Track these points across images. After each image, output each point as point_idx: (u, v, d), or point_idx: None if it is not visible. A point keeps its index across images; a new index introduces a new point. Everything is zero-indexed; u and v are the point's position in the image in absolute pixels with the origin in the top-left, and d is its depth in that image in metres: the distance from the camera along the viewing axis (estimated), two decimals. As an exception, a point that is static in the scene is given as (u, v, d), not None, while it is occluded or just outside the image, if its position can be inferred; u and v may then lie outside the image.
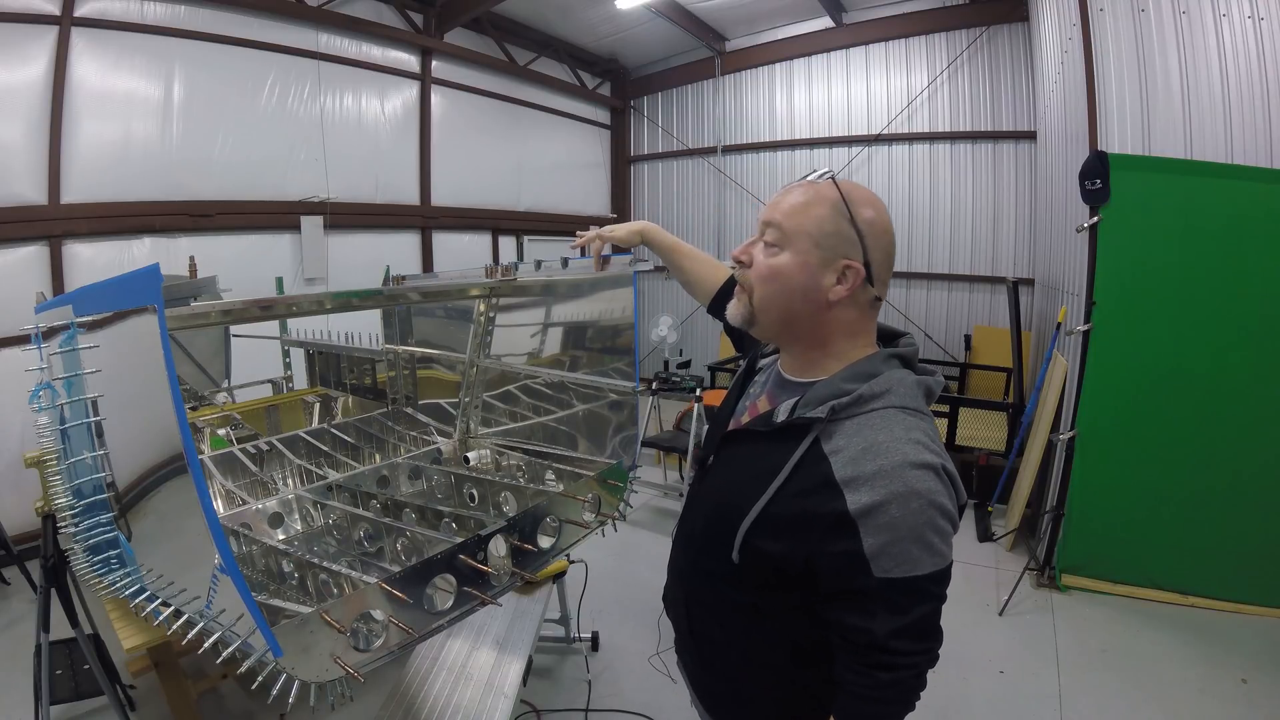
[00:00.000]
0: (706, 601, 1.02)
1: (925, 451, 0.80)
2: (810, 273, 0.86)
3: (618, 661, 2.76)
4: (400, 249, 6.00)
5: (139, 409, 1.09)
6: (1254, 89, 2.86)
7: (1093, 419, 3.13)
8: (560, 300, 2.00)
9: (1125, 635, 2.87)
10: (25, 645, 2.33)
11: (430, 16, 5.94)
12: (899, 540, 0.77)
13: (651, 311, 7.22)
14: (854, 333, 0.90)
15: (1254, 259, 2.82)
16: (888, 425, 0.82)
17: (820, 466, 0.83)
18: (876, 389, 0.84)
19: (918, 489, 0.78)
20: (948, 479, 0.81)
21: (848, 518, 0.78)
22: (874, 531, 0.78)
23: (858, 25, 6.50)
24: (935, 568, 0.79)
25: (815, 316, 0.88)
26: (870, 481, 0.78)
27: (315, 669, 0.98)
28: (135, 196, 4.18)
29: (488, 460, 2.07)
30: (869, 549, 0.78)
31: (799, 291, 0.87)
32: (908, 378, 0.87)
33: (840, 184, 0.87)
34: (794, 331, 0.92)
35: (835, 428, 0.84)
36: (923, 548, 0.78)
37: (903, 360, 0.90)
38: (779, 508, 0.85)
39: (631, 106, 8.42)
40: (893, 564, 0.77)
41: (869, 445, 0.81)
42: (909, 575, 0.78)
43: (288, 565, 1.50)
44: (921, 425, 0.84)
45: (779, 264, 0.88)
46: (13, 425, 3.57)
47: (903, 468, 0.78)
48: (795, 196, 0.88)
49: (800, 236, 0.86)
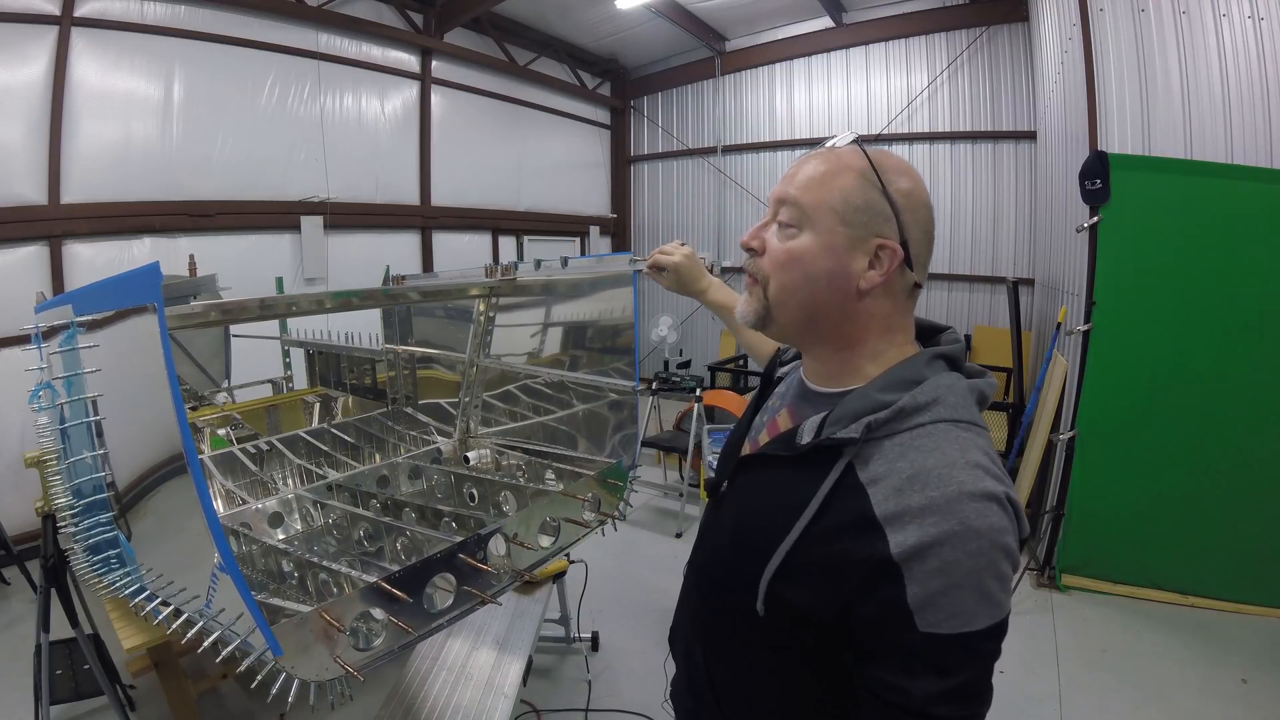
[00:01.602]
0: (726, 649, 0.87)
1: (986, 478, 0.65)
2: (836, 256, 0.72)
3: (618, 661, 2.76)
4: (400, 249, 6.00)
5: (139, 409, 1.09)
6: (1254, 89, 2.86)
7: (1093, 419, 3.13)
8: (560, 300, 2.00)
9: (1125, 635, 2.87)
10: (25, 645, 2.33)
11: (430, 16, 5.95)
12: (952, 589, 0.62)
13: (651, 311, 7.22)
14: (890, 328, 0.75)
15: (1254, 259, 2.82)
16: (938, 445, 0.67)
17: (856, 499, 0.68)
18: (921, 399, 0.69)
19: (977, 526, 0.62)
20: (1013, 511, 0.66)
21: (890, 562, 0.64)
22: (922, 578, 0.63)
23: (858, 25, 6.50)
24: (992, 621, 0.64)
25: (844, 309, 0.74)
26: (918, 518, 0.64)
27: (315, 668, 0.98)
28: (135, 196, 4.18)
29: (488, 460, 2.07)
30: (913, 599, 0.63)
31: (823, 279, 0.73)
32: (958, 383, 0.72)
33: (870, 149, 0.74)
34: (819, 330, 0.77)
35: (872, 450, 0.69)
36: (980, 598, 0.63)
37: (949, 361, 0.75)
38: (808, 551, 0.71)
39: (631, 106, 8.42)
40: (942, 617, 0.63)
41: (916, 472, 0.66)
42: (961, 631, 0.63)
43: (287, 565, 1.50)
44: (979, 443, 0.69)
45: (797, 247, 0.74)
46: (13, 425, 3.57)
47: (959, 500, 0.63)
48: (814, 166, 0.74)
49: (822, 213, 0.72)
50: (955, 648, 0.63)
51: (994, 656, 0.66)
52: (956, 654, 0.64)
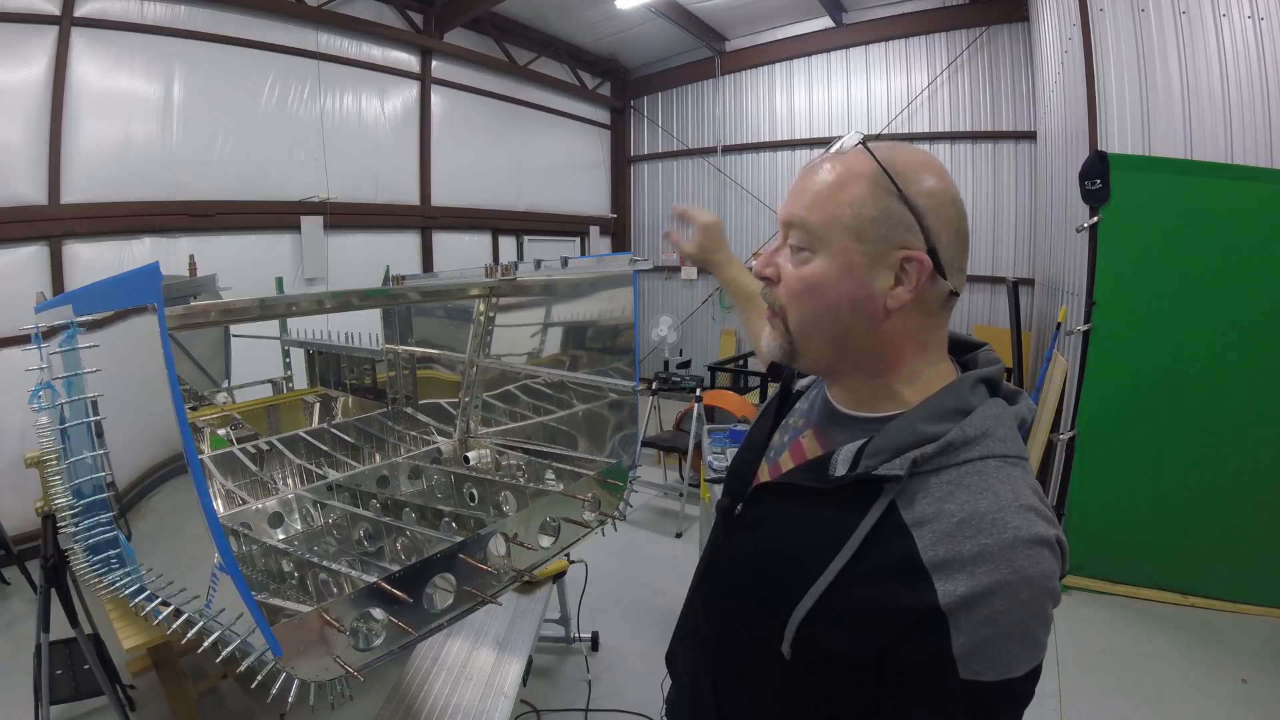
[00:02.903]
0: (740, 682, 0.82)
1: (1040, 521, 0.62)
2: (857, 277, 0.65)
3: (618, 661, 2.76)
4: (400, 249, 6.00)
5: (139, 409, 1.09)
6: (1254, 89, 2.86)
7: (1093, 419, 3.13)
8: (560, 300, 2.00)
9: (1125, 635, 2.87)
10: (25, 645, 2.33)
11: (430, 16, 5.95)
12: (1000, 638, 0.59)
13: (651, 311, 7.22)
14: (924, 346, 0.69)
15: (1254, 259, 2.82)
16: (989, 486, 0.62)
17: (900, 541, 0.63)
18: (970, 433, 0.64)
19: (1030, 575, 0.59)
20: (1060, 553, 0.63)
21: (937, 612, 0.60)
22: (969, 629, 0.59)
23: (858, 25, 6.50)
24: (1033, 664, 0.62)
25: (873, 334, 0.67)
26: (969, 565, 0.60)
27: (315, 668, 0.98)
28: (135, 196, 4.18)
29: (488, 460, 2.07)
30: (959, 649, 0.59)
31: (845, 305, 0.67)
32: (1005, 412, 0.67)
33: (876, 149, 0.66)
34: (850, 359, 0.71)
35: (917, 486, 0.64)
36: (1026, 645, 0.60)
37: (989, 385, 0.69)
38: (844, 594, 0.65)
39: (631, 106, 8.42)
40: (986, 665, 0.60)
41: (967, 516, 0.61)
42: (1004, 679, 0.60)
43: (287, 565, 1.50)
44: (1029, 480, 0.65)
45: (812, 273, 0.67)
46: (13, 425, 3.57)
47: (1013, 547, 0.60)
48: (819, 179, 0.68)
49: (834, 231, 0.66)
50: (997, 694, 0.61)
51: (1029, 699, 0.63)
52: (997, 700, 0.62)
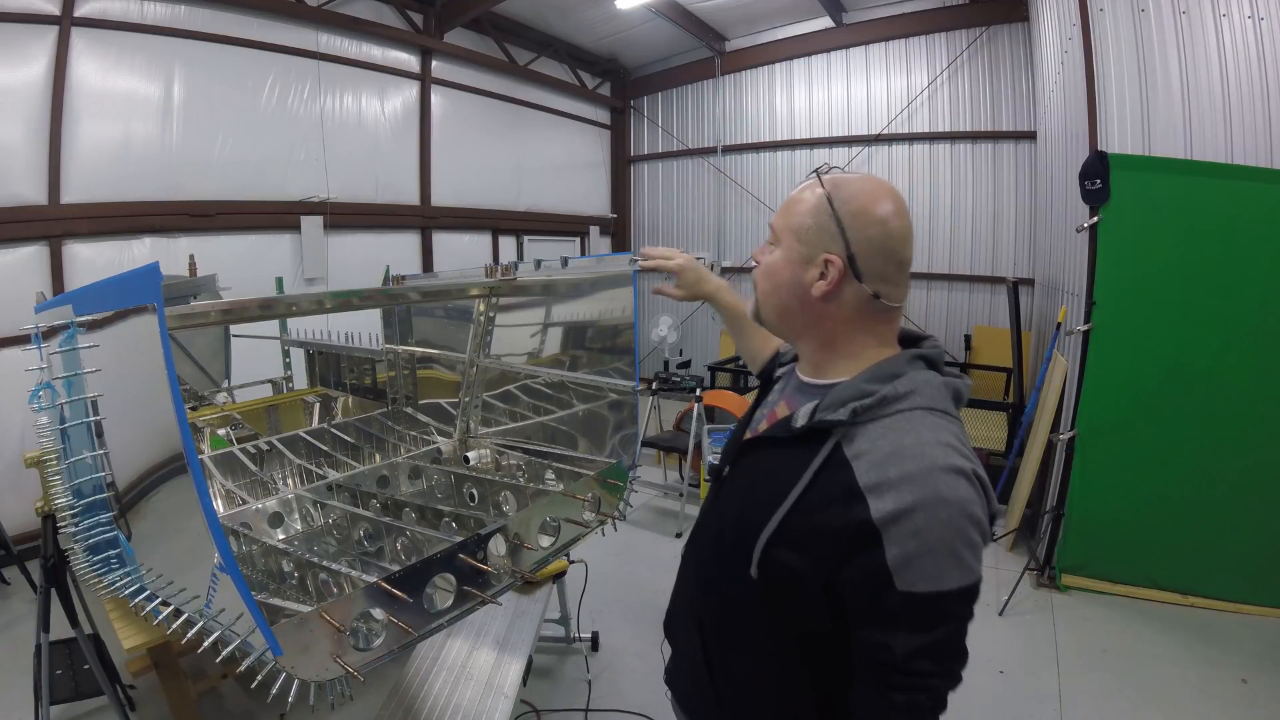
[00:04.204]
0: (723, 629, 0.96)
1: (956, 455, 0.75)
2: (794, 268, 0.87)
3: (618, 661, 2.76)
4: (400, 249, 6.00)
5: (139, 409, 1.09)
6: (1254, 89, 2.86)
7: (1093, 419, 3.13)
8: (560, 300, 2.00)
9: (1125, 635, 2.87)
10: (25, 645, 2.33)
11: (430, 16, 5.95)
12: (926, 551, 0.72)
13: (651, 311, 7.21)
14: (862, 331, 0.87)
15: (1254, 259, 2.82)
16: (914, 428, 0.77)
17: (842, 473, 0.78)
18: (901, 389, 0.80)
19: (948, 496, 0.72)
20: (980, 487, 0.76)
21: (870, 526, 0.73)
22: (899, 540, 0.72)
23: (858, 25, 6.50)
24: (963, 583, 0.73)
25: (804, 311, 0.89)
26: (896, 487, 0.73)
27: (315, 668, 0.98)
28: (135, 196, 4.18)
29: (488, 460, 2.07)
30: (892, 560, 0.72)
31: (786, 287, 0.89)
32: (934, 379, 0.83)
33: (835, 178, 0.86)
34: (791, 326, 0.93)
35: (858, 431, 0.80)
36: (951, 561, 0.72)
37: (927, 362, 0.87)
38: (799, 518, 0.80)
39: (631, 106, 8.42)
40: (917, 577, 0.72)
41: (895, 449, 0.76)
42: (934, 590, 0.72)
43: (288, 565, 1.50)
44: (951, 428, 0.79)
45: (771, 261, 0.91)
46: (13, 425, 3.57)
47: (932, 472, 0.73)
48: (793, 195, 0.91)
49: (786, 233, 0.89)
50: (930, 606, 0.73)
51: (967, 618, 0.76)
52: (932, 612, 0.74)
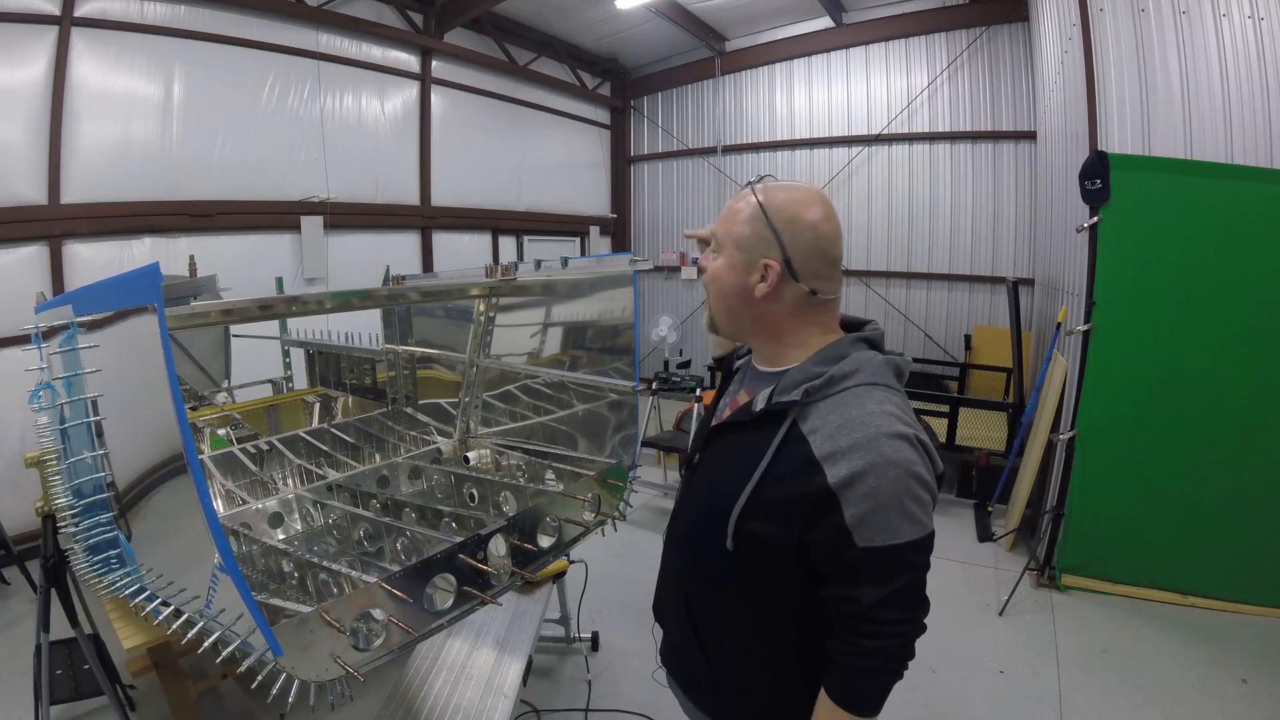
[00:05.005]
0: (708, 599, 1.03)
1: (898, 423, 0.84)
2: (737, 273, 0.95)
3: (618, 661, 2.76)
4: (400, 249, 6.00)
5: (139, 409, 1.09)
6: (1254, 89, 2.85)
7: (1093, 419, 3.13)
8: (560, 300, 2.00)
9: (1125, 635, 2.87)
10: (25, 645, 2.33)
11: (430, 16, 5.95)
12: (879, 509, 0.81)
13: (651, 311, 7.22)
14: (808, 322, 0.95)
15: (1254, 259, 2.82)
16: (860, 401, 0.86)
17: (800, 447, 0.87)
18: (846, 369, 0.89)
19: (894, 459, 0.81)
20: (922, 449, 0.85)
21: (829, 491, 0.82)
22: (854, 502, 0.81)
23: (858, 25, 6.50)
24: (916, 535, 0.82)
25: (750, 311, 0.96)
26: (848, 454, 0.82)
27: (315, 668, 0.98)
28: (135, 196, 4.17)
29: (488, 460, 2.07)
30: (850, 519, 0.81)
31: (732, 291, 0.96)
32: (875, 357, 0.93)
33: (768, 188, 0.94)
34: (742, 326, 1.00)
35: (811, 409, 0.89)
36: (902, 516, 0.81)
37: (869, 343, 0.96)
38: (766, 492, 0.89)
39: (631, 106, 8.42)
40: (874, 533, 0.81)
41: (844, 421, 0.85)
42: (890, 544, 0.81)
43: (288, 565, 1.50)
44: (893, 399, 0.88)
45: (716, 268, 0.99)
46: (13, 425, 3.57)
47: (878, 439, 0.82)
48: (730, 206, 0.98)
49: (727, 242, 0.96)
50: (888, 558, 0.82)
51: (924, 568, 0.85)
52: (890, 564, 0.82)
